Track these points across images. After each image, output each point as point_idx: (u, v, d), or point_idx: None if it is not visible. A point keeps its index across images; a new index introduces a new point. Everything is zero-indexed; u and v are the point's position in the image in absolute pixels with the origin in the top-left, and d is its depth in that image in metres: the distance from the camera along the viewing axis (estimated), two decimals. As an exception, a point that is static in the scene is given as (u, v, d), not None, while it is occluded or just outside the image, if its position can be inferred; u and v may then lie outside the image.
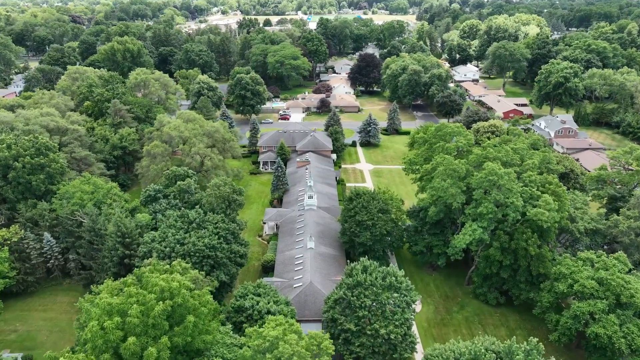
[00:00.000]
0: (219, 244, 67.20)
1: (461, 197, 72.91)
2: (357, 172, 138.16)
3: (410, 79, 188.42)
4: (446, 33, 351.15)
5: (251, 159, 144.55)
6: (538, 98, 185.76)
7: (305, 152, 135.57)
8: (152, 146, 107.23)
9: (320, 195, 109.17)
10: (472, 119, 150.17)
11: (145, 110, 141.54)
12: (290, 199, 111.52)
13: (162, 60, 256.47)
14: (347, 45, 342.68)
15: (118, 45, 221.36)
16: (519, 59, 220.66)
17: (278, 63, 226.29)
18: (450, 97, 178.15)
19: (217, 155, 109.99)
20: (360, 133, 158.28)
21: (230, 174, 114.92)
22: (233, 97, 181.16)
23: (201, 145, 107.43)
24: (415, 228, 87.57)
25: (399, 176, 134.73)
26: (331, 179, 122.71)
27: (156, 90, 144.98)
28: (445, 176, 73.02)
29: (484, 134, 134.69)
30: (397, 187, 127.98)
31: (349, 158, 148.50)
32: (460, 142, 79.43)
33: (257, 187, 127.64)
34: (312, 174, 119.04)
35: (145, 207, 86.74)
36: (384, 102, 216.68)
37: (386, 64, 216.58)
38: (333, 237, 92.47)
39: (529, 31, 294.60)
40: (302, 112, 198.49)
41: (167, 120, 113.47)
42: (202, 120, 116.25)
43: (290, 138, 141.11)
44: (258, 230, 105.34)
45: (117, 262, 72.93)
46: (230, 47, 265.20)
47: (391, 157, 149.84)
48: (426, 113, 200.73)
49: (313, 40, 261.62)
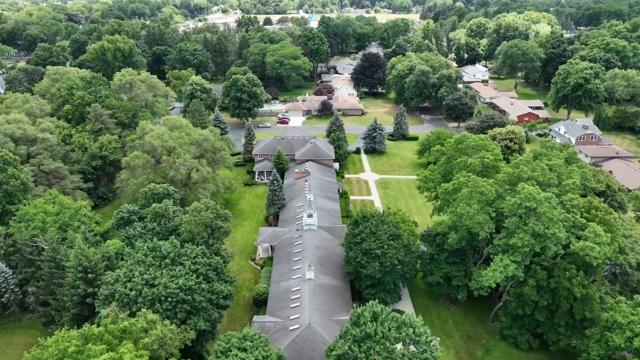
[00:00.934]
0: (197, 285, 55.16)
1: (490, 226, 60.76)
2: (362, 183, 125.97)
3: (417, 80, 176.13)
4: (452, 32, 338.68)
5: (246, 168, 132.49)
6: (555, 100, 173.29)
7: (304, 161, 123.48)
8: (132, 157, 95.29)
9: (321, 212, 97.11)
10: (486, 124, 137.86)
11: (130, 115, 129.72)
12: (287, 215, 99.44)
13: (156, 60, 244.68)
14: (350, 44, 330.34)
15: (108, 44, 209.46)
16: (532, 58, 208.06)
17: (277, 63, 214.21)
18: (461, 100, 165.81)
19: (206, 167, 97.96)
20: (364, 139, 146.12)
21: (220, 187, 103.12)
22: (228, 100, 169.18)
23: (187, 156, 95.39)
24: (431, 256, 75.39)
25: (408, 188, 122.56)
26: (333, 192, 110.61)
27: (142, 92, 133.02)
28: (471, 200, 60.86)
29: (500, 142, 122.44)
30: (405, 200, 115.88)
31: (352, 167, 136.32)
32: (486, 158, 67.21)
33: (251, 201, 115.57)
34: (312, 186, 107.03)
35: (118, 231, 74.72)
36: (389, 105, 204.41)
37: (391, 64, 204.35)
38: (335, 264, 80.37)
39: (539, 30, 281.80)
40: (302, 116, 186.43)
41: (149, 128, 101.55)
42: (189, 128, 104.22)
43: (288, 145, 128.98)
44: (250, 253, 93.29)
45: (77, 302, 61.00)
46: (227, 46, 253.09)
47: (398, 165, 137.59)
48: (434, 116, 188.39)
49: (314, 39, 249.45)
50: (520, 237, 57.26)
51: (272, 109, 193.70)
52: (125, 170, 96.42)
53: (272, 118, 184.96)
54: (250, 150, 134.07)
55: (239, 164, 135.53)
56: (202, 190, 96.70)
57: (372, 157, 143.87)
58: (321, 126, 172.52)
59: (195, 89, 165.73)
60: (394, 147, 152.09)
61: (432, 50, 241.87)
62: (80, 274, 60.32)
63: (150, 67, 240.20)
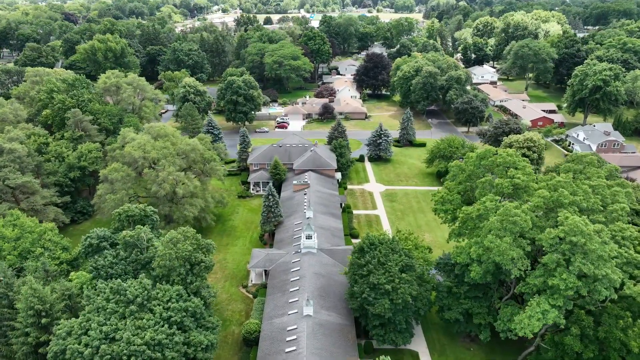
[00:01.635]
0: (170, 338, 44.97)
1: (525, 263, 50.46)
2: (366, 195, 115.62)
3: (425, 82, 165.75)
4: (458, 31, 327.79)
5: (240, 178, 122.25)
6: (571, 104, 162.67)
7: (304, 171, 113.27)
8: (110, 170, 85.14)
9: (322, 231, 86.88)
10: (500, 130, 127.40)
11: (115, 121, 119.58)
12: (284, 234, 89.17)
13: (151, 61, 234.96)
14: (352, 44, 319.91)
15: (99, 44, 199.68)
16: (545, 59, 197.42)
17: (276, 64, 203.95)
18: (471, 103, 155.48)
19: (194, 181, 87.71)
20: (368, 146, 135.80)
21: (210, 202, 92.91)
22: (223, 103, 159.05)
23: (172, 169, 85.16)
24: (449, 288, 65.06)
25: (417, 201, 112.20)
26: (335, 206, 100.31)
27: (129, 96, 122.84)
28: (503, 231, 50.50)
29: (517, 150, 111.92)
30: (414, 215, 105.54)
31: (356, 176, 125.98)
32: (517, 178, 56.80)
33: (245, 216, 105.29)
34: (311, 201, 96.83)
35: (87, 260, 64.59)
36: (393, 108, 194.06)
37: (396, 65, 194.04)
38: (338, 296, 70.10)
39: (549, 29, 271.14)
40: (302, 119, 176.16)
41: (130, 136, 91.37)
42: (175, 137, 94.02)
43: (286, 154, 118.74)
44: (242, 279, 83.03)
45: (28, 352, 50.83)
46: (224, 46, 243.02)
47: (405, 175, 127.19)
48: (442, 120, 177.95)
49: (315, 39, 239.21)
50: (563, 278, 47.00)
51: (271, 113, 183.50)
52: (103, 184, 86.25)
53: (270, 122, 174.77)
54: (245, 159, 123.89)
55: (233, 173, 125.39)
56: (189, 207, 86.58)
57: (377, 165, 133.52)
58: (322, 131, 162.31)
59: (188, 91, 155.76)
60: (400, 154, 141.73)
61: (439, 51, 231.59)
62: (31, 319, 50.22)
63: (144, 68, 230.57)
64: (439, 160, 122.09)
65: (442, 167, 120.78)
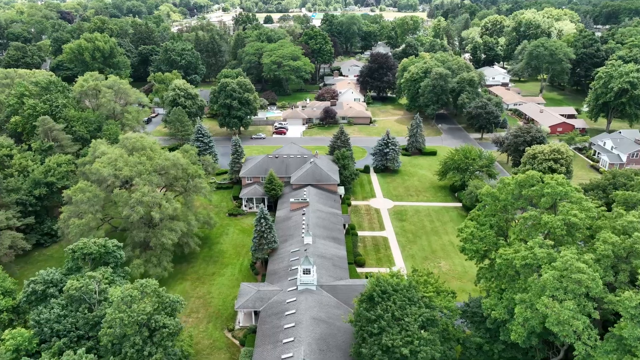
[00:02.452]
0: None
1: (592, 334, 38.03)
2: (372, 212, 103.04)
3: (434, 84, 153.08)
4: (465, 30, 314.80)
5: (232, 193, 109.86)
6: (594, 108, 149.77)
7: (302, 185, 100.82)
8: (75, 190, 72.82)
9: (322, 261, 74.46)
10: (521, 139, 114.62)
11: (93, 128, 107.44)
12: (278, 265, 76.68)
13: (143, 61, 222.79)
14: (355, 43, 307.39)
15: (86, 43, 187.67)
16: (561, 59, 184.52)
17: (275, 64, 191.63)
18: (486, 108, 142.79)
19: (174, 202, 75.29)
20: (374, 155, 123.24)
21: (194, 226, 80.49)
22: (217, 107, 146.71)
23: (147, 189, 72.76)
24: (479, 345, 52.54)
25: (429, 219, 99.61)
26: (337, 229, 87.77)
27: (108, 101, 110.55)
28: (563, 292, 38.10)
29: (542, 163, 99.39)
30: (428, 237, 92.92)
31: (360, 190, 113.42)
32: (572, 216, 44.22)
33: (235, 238, 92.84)
34: (310, 223, 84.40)
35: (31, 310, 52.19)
36: (400, 111, 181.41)
37: (403, 66, 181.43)
38: (342, 350, 57.47)
39: (562, 27, 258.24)
40: (301, 125, 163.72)
41: (101, 150, 78.99)
42: (154, 150, 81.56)
43: (282, 166, 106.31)
44: (228, 319, 70.60)
45: None
46: (221, 45, 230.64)
47: (416, 188, 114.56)
48: (452, 125, 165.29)
49: (316, 38, 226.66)
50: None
51: (268, 117, 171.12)
52: (67, 206, 73.96)
53: (268, 127, 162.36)
54: (238, 170, 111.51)
55: (223, 186, 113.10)
56: (168, 232, 74.20)
57: (383, 177, 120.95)
58: (323, 137, 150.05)
59: (178, 94, 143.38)
60: (408, 164, 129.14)
61: (447, 50, 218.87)
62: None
63: (136, 69, 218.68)
64: (453, 173, 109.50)
65: (456, 180, 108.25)
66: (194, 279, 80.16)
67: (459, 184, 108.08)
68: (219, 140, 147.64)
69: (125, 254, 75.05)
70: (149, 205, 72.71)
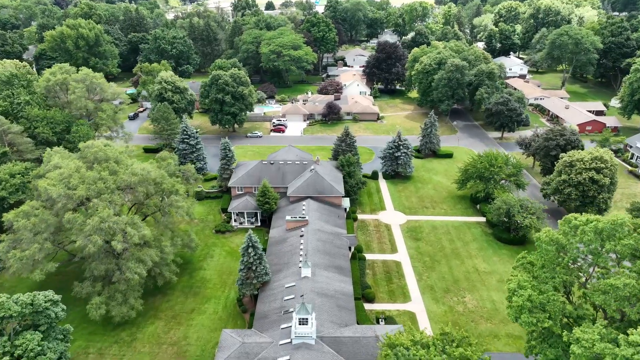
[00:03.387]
0: None
1: None
2: (382, 229, 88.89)
3: (450, 77, 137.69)
4: (476, 17, 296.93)
5: (221, 204, 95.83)
6: (628, 104, 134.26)
7: (301, 198, 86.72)
8: (17, 214, 59.02)
9: (324, 301, 60.64)
10: (553, 143, 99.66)
11: (60, 129, 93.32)
12: (269, 305, 62.80)
13: (133, 50, 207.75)
14: (360, 31, 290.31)
15: (68, 30, 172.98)
16: (588, 49, 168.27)
17: (274, 54, 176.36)
18: (508, 104, 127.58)
19: (142, 228, 61.32)
20: (384, 160, 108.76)
21: (169, 253, 66.62)
22: (208, 102, 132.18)
23: (108, 212, 58.81)
24: None
25: (448, 238, 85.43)
26: (342, 254, 73.72)
27: (78, 97, 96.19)
28: None
29: (583, 173, 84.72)
30: (447, 261, 78.85)
31: (368, 201, 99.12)
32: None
33: (222, 262, 79.03)
34: (309, 247, 70.52)
35: None
36: (409, 106, 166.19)
37: (413, 56, 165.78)
38: None
39: (584, 14, 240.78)
40: (302, 121, 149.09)
41: (54, 163, 64.87)
42: (120, 162, 67.35)
43: (278, 174, 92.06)
44: (206, 376, 57.14)
45: None
46: (217, 33, 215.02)
47: (431, 199, 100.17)
48: (468, 122, 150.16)
49: (319, 25, 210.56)
50: None
51: (265, 112, 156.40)
52: (7, 234, 60.17)
53: (265, 124, 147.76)
54: (227, 178, 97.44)
55: (212, 195, 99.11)
56: (134, 265, 60.40)
57: (394, 184, 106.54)
58: (327, 136, 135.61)
59: (164, 88, 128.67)
60: (422, 168, 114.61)
61: (460, 39, 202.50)
62: None
63: (125, 59, 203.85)
64: (475, 182, 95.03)
65: (479, 190, 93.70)
66: (168, 317, 66.57)
67: (482, 196, 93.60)
68: (210, 139, 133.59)
69: (84, 290, 61.75)
70: (109, 232, 58.82)
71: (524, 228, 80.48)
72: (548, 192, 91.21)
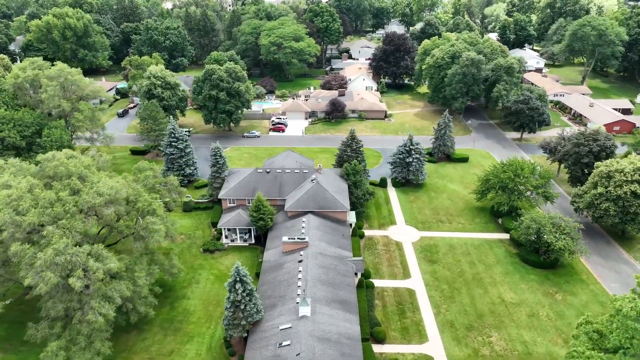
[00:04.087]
0: None
1: None
2: (393, 248, 78.33)
3: (465, 72, 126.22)
4: (488, 7, 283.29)
5: (211, 216, 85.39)
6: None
7: (301, 213, 76.25)
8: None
9: (325, 348, 50.35)
10: (586, 149, 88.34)
11: (30, 133, 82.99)
12: (261, 354, 52.39)
13: (126, 41, 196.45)
14: (366, 21, 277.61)
15: (55, 20, 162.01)
16: (613, 41, 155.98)
17: (274, 45, 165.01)
18: (529, 103, 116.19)
19: (109, 261, 51.07)
20: (393, 166, 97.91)
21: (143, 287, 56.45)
22: (200, 99, 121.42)
23: (65, 242, 48.58)
24: None
25: (468, 259, 74.84)
26: (346, 285, 63.22)
27: (51, 97, 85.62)
28: None
29: (623, 186, 73.81)
30: (468, 289, 68.37)
31: (376, 213, 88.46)
32: None
33: (209, 289, 68.80)
34: (309, 277, 60.23)
35: None
36: (419, 103, 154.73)
37: (424, 49, 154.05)
38: None
39: (602, 3, 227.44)
40: (304, 119, 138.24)
41: (2, 182, 54.44)
42: (85, 178, 56.92)
43: (275, 184, 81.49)
44: None
45: None
46: (214, 23, 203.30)
47: (446, 210, 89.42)
48: (483, 121, 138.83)
49: (323, 15, 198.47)
50: None
51: (264, 109, 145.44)
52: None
53: (264, 123, 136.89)
54: (218, 187, 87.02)
55: (202, 206, 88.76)
56: (99, 305, 50.30)
57: (404, 193, 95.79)
58: (330, 136, 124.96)
59: (153, 84, 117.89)
60: (435, 174, 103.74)
61: (473, 30, 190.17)
62: None
63: (118, 50, 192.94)
64: (497, 193, 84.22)
65: (502, 203, 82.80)
66: (143, 360, 56.65)
67: (504, 210, 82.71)
68: (204, 139, 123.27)
69: (39, 333, 51.75)
70: (67, 267, 48.64)
71: (556, 251, 69.77)
72: (580, 205, 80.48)
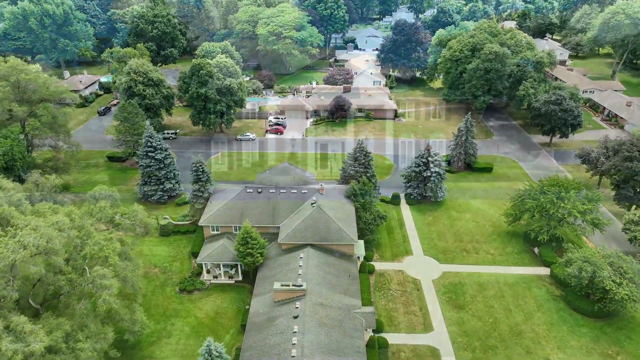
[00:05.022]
0: None
1: None
2: (409, 287, 64.46)
3: (487, 67, 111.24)
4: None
5: (192, 242, 71.59)
6: None
7: (297, 246, 62.41)
8: None
9: None
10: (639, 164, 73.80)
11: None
12: None
13: (113, 30, 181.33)
14: (372, 8, 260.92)
15: (31, 6, 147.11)
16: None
17: (273, 35, 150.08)
18: (562, 104, 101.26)
19: (32, 340, 37.52)
20: (407, 180, 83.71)
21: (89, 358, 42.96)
22: (187, 98, 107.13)
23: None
24: None
25: (504, 306, 60.96)
26: (354, 348, 49.35)
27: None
28: None
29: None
30: (507, 350, 54.54)
31: (388, 240, 74.41)
32: None
33: (182, 347, 55.20)
34: (307, 340, 46.64)
35: None
36: (433, 99, 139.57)
37: (438, 39, 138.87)
38: None
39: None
40: (305, 118, 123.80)
41: None
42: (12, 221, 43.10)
43: (268, 207, 67.52)
44: None
45: None
46: (209, 10, 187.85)
47: (471, 234, 75.29)
48: (505, 122, 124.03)
49: (326, 1, 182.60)
50: None
51: (260, 107, 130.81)
52: None
53: (260, 123, 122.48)
54: (202, 207, 73.23)
55: (182, 229, 75.02)
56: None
57: (420, 212, 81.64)
58: (334, 139, 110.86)
59: (134, 80, 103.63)
60: (454, 188, 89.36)
61: (492, 18, 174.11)
62: None
63: (103, 40, 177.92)
64: (534, 218, 70.06)
65: (540, 229, 68.68)
66: None
67: (544, 238, 68.62)
68: (192, 143, 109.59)
69: None
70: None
71: (617, 301, 55.75)
72: (638, 235, 66.37)
